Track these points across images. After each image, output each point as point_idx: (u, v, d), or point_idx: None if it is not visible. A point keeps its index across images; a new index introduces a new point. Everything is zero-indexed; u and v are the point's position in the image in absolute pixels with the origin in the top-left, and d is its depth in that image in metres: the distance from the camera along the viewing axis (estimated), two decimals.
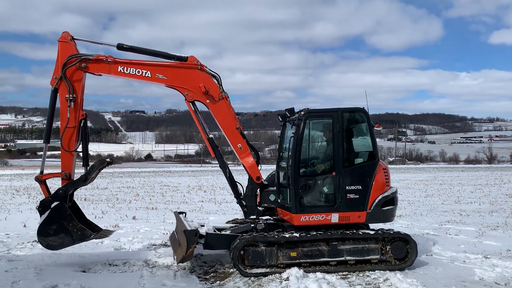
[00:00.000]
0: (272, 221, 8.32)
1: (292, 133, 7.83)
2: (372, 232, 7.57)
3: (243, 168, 8.19)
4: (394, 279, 6.93)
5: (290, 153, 7.87)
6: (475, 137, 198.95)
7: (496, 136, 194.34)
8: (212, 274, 7.47)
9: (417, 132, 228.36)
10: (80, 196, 19.07)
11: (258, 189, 8.14)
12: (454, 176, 39.00)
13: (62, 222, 7.16)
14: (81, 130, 7.56)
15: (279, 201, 8.09)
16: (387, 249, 7.51)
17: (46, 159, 7.86)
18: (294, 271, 7.04)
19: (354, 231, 7.54)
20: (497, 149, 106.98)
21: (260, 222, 8.13)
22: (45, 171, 7.63)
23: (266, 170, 9.40)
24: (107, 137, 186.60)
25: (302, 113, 7.79)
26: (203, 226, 8.11)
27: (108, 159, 8.22)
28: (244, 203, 8.16)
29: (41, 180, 7.52)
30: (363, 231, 7.63)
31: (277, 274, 7.15)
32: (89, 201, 18.15)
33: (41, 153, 8.33)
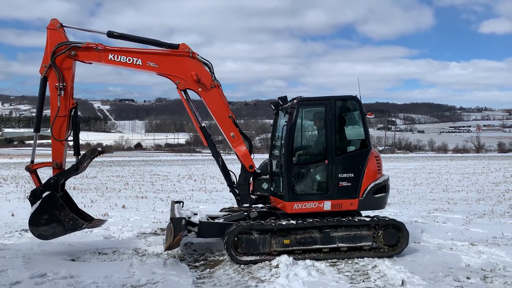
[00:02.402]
0: (265, 209, 8.37)
1: (285, 121, 7.84)
2: (367, 219, 7.64)
3: (235, 157, 8.19)
4: (383, 266, 6.99)
5: (282, 141, 7.88)
6: (463, 127, 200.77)
7: (484, 126, 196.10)
8: (202, 262, 7.49)
9: (406, 122, 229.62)
10: (69, 185, 18.92)
11: (251, 178, 8.16)
12: (443, 165, 39.47)
13: (54, 211, 7.11)
14: (71, 119, 7.47)
15: (272, 189, 8.13)
16: (379, 235, 7.59)
17: (36, 148, 7.77)
18: (284, 259, 7.09)
19: (350, 218, 7.62)
20: (484, 139, 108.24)
21: (253, 210, 8.17)
22: (36, 161, 7.55)
23: (258, 159, 9.41)
24: (96, 126, 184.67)
25: (295, 101, 7.78)
26: (196, 214, 8.12)
27: (99, 148, 8.15)
28: (237, 192, 8.18)
29: (32, 169, 7.43)
30: (358, 217, 7.71)
31: (267, 262, 7.19)
32: (78, 190, 18.05)
33: (29, 141, 8.27)
